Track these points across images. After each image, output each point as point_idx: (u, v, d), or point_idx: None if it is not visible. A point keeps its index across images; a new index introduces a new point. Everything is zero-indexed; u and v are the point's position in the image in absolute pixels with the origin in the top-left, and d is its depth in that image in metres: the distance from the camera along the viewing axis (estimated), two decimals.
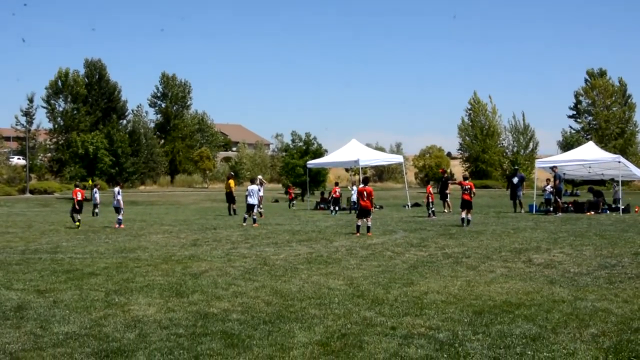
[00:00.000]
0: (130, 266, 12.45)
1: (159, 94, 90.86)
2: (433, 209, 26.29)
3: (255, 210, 23.61)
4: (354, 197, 26.84)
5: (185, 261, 13.12)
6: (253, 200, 23.47)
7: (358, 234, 18.13)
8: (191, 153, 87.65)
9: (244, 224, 22.74)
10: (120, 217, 22.77)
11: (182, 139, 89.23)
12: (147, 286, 10.24)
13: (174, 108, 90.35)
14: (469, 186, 21.74)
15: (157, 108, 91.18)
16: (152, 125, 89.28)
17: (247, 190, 24.18)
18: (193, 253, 14.49)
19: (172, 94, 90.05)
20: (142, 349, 6.66)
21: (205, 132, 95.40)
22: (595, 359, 6.20)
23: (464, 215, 21.17)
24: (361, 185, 19.69)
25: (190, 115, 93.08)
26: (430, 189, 27.30)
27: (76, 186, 25.01)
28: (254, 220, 22.99)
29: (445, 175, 33.51)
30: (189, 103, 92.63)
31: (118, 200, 23.16)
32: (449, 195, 30.83)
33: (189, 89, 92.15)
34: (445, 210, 29.54)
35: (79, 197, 23.55)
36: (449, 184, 31.79)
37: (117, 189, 23.82)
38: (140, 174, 76.87)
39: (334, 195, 31.32)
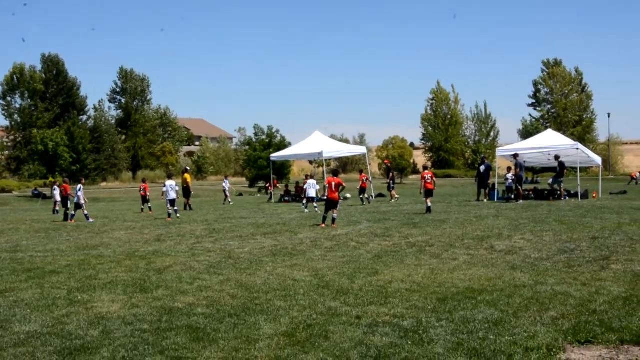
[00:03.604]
0: (92, 263, 12.30)
1: (118, 89, 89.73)
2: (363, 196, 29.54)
3: (175, 205, 24.40)
4: (311, 191, 26.75)
5: (149, 257, 13.01)
6: (172, 195, 24.17)
7: (324, 225, 18.15)
8: (153, 148, 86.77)
9: (170, 219, 22.88)
10: (87, 212, 23.81)
11: (143, 134, 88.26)
12: (111, 283, 10.14)
13: (134, 103, 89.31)
14: (430, 175, 22.32)
15: (117, 103, 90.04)
16: (113, 121, 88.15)
17: (164, 185, 24.79)
18: (157, 248, 14.38)
19: (131, 89, 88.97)
20: (107, 346, 6.60)
21: (168, 127, 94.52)
22: (555, 340, 6.33)
23: (429, 203, 21.64)
24: (330, 176, 19.68)
25: (151, 110, 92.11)
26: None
27: (64, 182, 26.67)
28: (176, 212, 23.92)
29: (389, 165, 34.39)
30: (149, 97, 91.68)
31: (79, 197, 23.77)
32: (389, 183, 31.67)
33: (148, 84, 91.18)
34: (393, 200, 30.05)
35: (64, 193, 25.30)
36: (391, 174, 32.51)
37: (79, 185, 24.34)
38: (102, 170, 75.87)
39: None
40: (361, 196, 29.61)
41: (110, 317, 7.81)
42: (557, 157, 28.47)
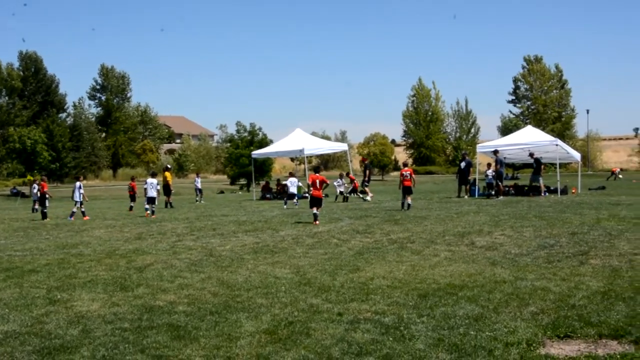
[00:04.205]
0: (72, 262, 12.19)
1: (98, 87, 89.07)
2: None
3: (155, 203, 24.61)
4: (292, 189, 27.38)
5: (129, 255, 12.92)
6: (152, 193, 24.35)
7: (316, 223, 17.78)
8: (134, 146, 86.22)
9: (153, 216, 23.23)
10: (75, 210, 24.25)
11: (124, 132, 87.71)
12: (91, 281, 10.06)
13: (115, 101, 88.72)
14: (409, 172, 22.22)
15: (97, 101, 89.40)
16: (93, 118, 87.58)
17: (145, 183, 24.96)
18: (137, 247, 14.29)
19: (111, 86, 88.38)
20: (86, 345, 6.55)
21: (148, 124, 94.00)
22: (535, 335, 6.38)
23: (409, 200, 21.67)
24: (312, 174, 19.58)
25: (132, 108, 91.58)
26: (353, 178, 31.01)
27: (42, 180, 26.34)
28: (153, 212, 23.84)
29: (366, 162, 34.32)
30: (129, 95, 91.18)
31: (82, 194, 24.47)
32: (364, 181, 31.47)
33: (128, 81, 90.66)
34: (367, 198, 29.95)
35: (41, 191, 24.98)
36: (368, 171, 32.30)
37: (78, 183, 24.96)
38: (82, 168, 75.23)
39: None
40: (354, 195, 29.93)
41: (90, 316, 7.76)
42: (531, 155, 28.74)
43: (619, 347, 6.05)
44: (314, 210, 18.33)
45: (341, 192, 30.13)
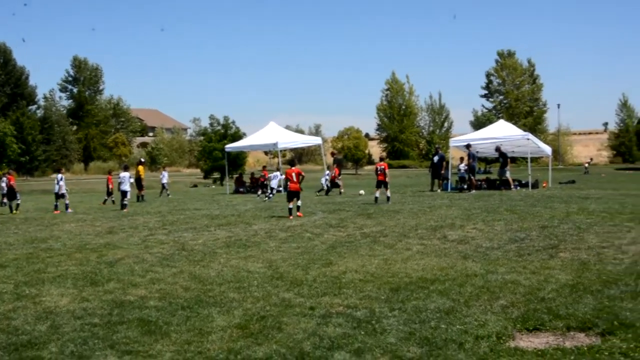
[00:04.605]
0: (41, 256, 12.02)
1: (70, 79, 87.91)
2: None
3: (128, 197, 24.36)
4: (273, 182, 27.59)
5: (100, 249, 12.78)
6: (125, 187, 24.13)
7: (291, 217, 17.80)
8: (106, 139, 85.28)
9: (125, 210, 23.07)
10: (66, 202, 23.93)
11: (96, 124, 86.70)
12: (60, 276, 9.93)
13: (87, 93, 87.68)
14: (383, 167, 22.40)
15: (68, 93, 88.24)
16: (64, 111, 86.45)
17: (119, 177, 24.74)
18: (109, 241, 14.14)
19: (84, 79, 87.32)
20: (55, 341, 6.46)
21: (121, 117, 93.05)
22: (505, 328, 6.44)
23: (377, 194, 21.87)
24: (288, 167, 19.54)
25: (104, 101, 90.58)
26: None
27: (9, 173, 25.68)
28: (125, 206, 23.56)
29: (334, 156, 34.14)
30: (101, 87, 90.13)
31: (60, 186, 23.86)
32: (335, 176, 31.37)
33: (101, 73, 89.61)
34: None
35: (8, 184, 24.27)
36: (335, 166, 32.21)
37: (59, 175, 24.47)
38: (52, 161, 74.29)
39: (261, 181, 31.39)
40: (333, 188, 30.12)
41: (59, 312, 7.66)
42: (497, 149, 28.95)
43: (586, 339, 6.13)
44: (290, 204, 18.28)
45: (327, 186, 30.23)
